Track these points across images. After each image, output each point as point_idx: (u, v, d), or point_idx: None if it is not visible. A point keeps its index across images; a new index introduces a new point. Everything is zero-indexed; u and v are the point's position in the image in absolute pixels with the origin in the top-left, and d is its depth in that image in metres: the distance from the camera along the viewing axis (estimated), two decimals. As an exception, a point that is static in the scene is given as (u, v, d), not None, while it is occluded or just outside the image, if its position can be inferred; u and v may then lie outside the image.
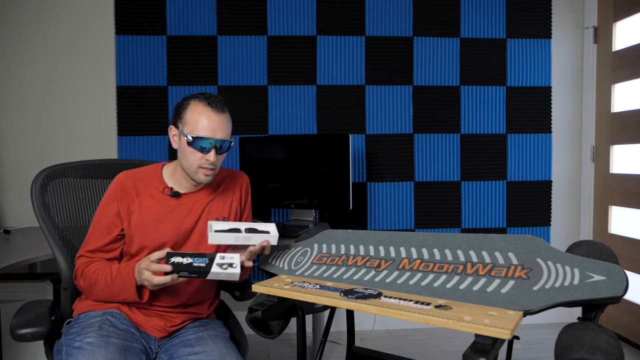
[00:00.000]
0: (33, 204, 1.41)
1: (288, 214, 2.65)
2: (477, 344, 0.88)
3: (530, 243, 1.13)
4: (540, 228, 2.80)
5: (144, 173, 1.40)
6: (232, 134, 1.37)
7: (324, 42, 2.66)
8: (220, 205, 1.43)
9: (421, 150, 2.72)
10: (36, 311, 1.21)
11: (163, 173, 1.41)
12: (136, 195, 1.35)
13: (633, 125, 2.48)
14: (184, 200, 1.39)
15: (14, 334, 1.14)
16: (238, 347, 1.38)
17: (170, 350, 1.29)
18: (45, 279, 1.95)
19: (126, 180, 1.36)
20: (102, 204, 1.35)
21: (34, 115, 2.55)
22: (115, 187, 1.35)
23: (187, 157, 1.31)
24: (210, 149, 1.29)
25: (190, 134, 1.28)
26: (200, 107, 1.30)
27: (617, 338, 0.92)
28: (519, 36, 2.73)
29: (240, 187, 1.50)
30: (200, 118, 1.29)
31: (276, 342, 2.53)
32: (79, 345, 1.17)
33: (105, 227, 1.33)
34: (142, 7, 2.57)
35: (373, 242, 1.34)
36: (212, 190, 1.44)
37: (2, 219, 2.52)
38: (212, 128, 1.29)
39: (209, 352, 1.25)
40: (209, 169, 1.32)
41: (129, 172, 1.39)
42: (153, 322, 1.32)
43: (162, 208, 1.35)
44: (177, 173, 1.39)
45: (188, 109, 1.31)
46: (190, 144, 1.28)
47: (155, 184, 1.38)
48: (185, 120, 1.30)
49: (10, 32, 2.52)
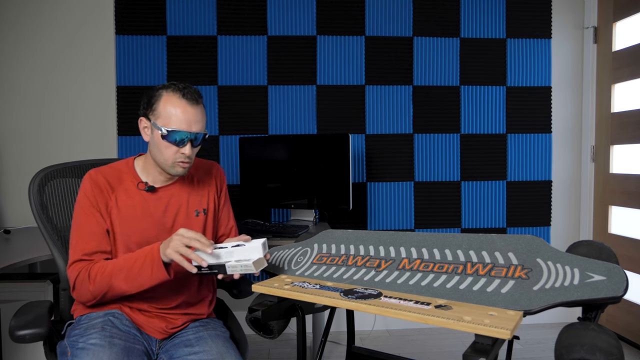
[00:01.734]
0: (31, 204, 1.40)
1: (288, 214, 2.65)
2: (477, 344, 0.88)
3: (530, 243, 1.12)
4: (540, 228, 2.80)
5: (114, 168, 1.35)
6: (231, 134, 1.37)
7: (324, 42, 2.66)
8: (198, 197, 1.40)
9: (421, 150, 2.72)
10: (35, 312, 1.20)
11: (135, 167, 1.36)
12: (111, 191, 1.30)
13: (633, 125, 2.48)
14: (160, 194, 1.35)
15: (13, 335, 1.13)
16: (237, 346, 1.37)
17: (170, 350, 1.29)
18: (45, 279, 1.95)
19: (97, 176, 1.31)
20: (80, 206, 1.28)
21: (34, 115, 2.55)
22: (88, 185, 1.29)
23: (162, 151, 1.26)
24: (186, 142, 1.25)
25: (165, 127, 1.23)
26: (174, 98, 1.24)
27: (617, 338, 0.92)
28: (519, 36, 2.73)
29: (215, 178, 1.47)
30: (175, 110, 1.23)
31: (276, 342, 2.53)
32: (83, 346, 1.16)
33: (94, 226, 1.27)
34: (142, 7, 2.57)
35: (373, 242, 1.34)
36: (188, 183, 1.40)
37: (2, 219, 2.52)
38: (188, 121, 1.24)
39: (208, 352, 1.24)
40: (185, 162, 1.28)
41: (98, 169, 1.33)
42: (154, 324, 1.31)
43: (139, 204, 1.31)
44: (150, 166, 1.34)
45: (161, 101, 1.25)
46: (165, 138, 1.24)
47: (129, 178, 1.34)
48: (159, 112, 1.25)
49: (10, 32, 2.52)
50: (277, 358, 2.38)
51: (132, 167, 1.36)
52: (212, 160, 1.50)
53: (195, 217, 1.39)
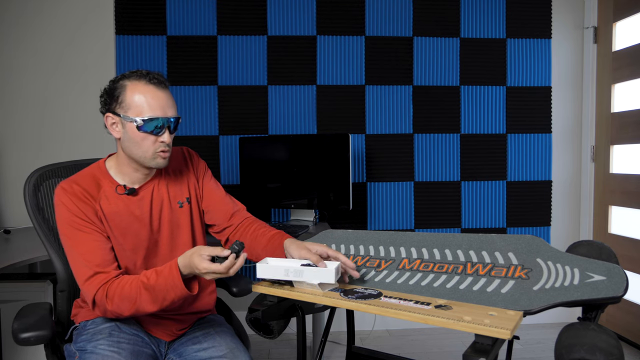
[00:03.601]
0: (26, 205, 1.36)
1: (288, 214, 2.65)
2: (477, 344, 0.88)
3: (530, 243, 1.13)
4: (540, 228, 2.79)
5: (87, 176, 1.25)
6: (231, 134, 1.35)
7: (324, 42, 2.66)
8: (178, 187, 1.33)
9: (421, 150, 2.72)
10: (37, 314, 1.19)
11: (109, 169, 1.27)
12: (93, 199, 1.21)
13: (633, 125, 2.48)
14: (141, 194, 1.27)
15: (17, 338, 1.12)
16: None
17: (178, 349, 1.29)
18: (45, 279, 1.94)
19: (72, 187, 1.20)
20: (66, 223, 1.18)
21: (34, 115, 2.55)
22: (67, 199, 1.18)
23: (139, 144, 1.18)
24: (164, 130, 1.18)
25: (139, 117, 1.15)
26: (140, 85, 1.16)
27: (617, 338, 0.92)
28: (519, 36, 2.73)
29: (188, 162, 1.39)
30: (145, 97, 1.16)
31: (276, 342, 2.53)
32: (92, 350, 1.16)
33: (93, 237, 1.19)
34: (142, 7, 2.57)
35: (373, 242, 1.34)
36: (165, 175, 1.32)
37: (2, 219, 2.52)
38: (162, 106, 1.17)
39: (217, 347, 1.24)
40: (165, 151, 1.20)
41: (69, 180, 1.23)
42: (164, 327, 1.30)
43: (123, 210, 1.24)
44: (124, 165, 1.25)
45: (127, 91, 1.16)
46: (140, 129, 1.16)
47: (106, 183, 1.25)
48: (127, 103, 1.16)
49: (10, 32, 2.52)
50: (277, 358, 2.38)
51: (105, 170, 1.27)
52: (212, 159, 1.48)
53: (180, 209, 1.32)
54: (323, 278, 1.10)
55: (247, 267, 2.62)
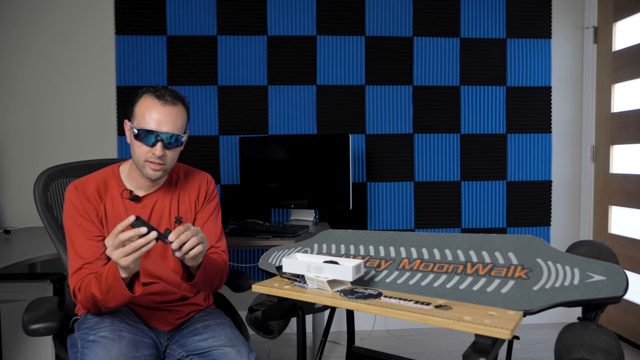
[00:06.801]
0: (36, 204, 1.44)
1: (288, 214, 2.65)
2: (477, 344, 0.88)
3: (530, 243, 1.13)
4: (540, 228, 2.80)
5: (99, 177, 1.36)
6: (231, 134, 1.36)
7: (324, 42, 2.66)
8: (182, 206, 1.41)
9: (421, 150, 2.72)
10: (46, 307, 1.24)
11: (121, 173, 1.38)
12: (99, 200, 1.32)
13: (633, 125, 2.48)
14: (144, 202, 1.37)
15: (27, 329, 1.18)
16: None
17: (180, 340, 1.33)
18: (46, 279, 1.95)
19: (83, 187, 1.31)
20: (69, 217, 1.29)
21: (34, 115, 2.55)
22: (75, 196, 1.30)
23: (135, 150, 1.29)
24: (155, 142, 1.25)
25: (137, 127, 1.26)
26: (148, 99, 1.27)
27: (617, 338, 0.92)
28: (519, 36, 2.73)
29: (200, 187, 1.46)
30: (147, 111, 1.25)
31: (276, 342, 2.53)
32: (94, 338, 1.19)
33: (87, 234, 1.28)
34: (142, 7, 2.57)
35: (373, 242, 1.34)
36: (172, 189, 1.41)
37: (2, 219, 2.52)
38: (158, 121, 1.25)
39: (217, 337, 1.29)
40: (157, 164, 1.27)
41: (82, 180, 1.34)
42: (160, 316, 1.36)
43: (124, 214, 1.32)
44: (133, 170, 1.36)
45: (138, 103, 1.28)
46: (136, 137, 1.26)
47: (114, 186, 1.35)
48: (135, 113, 1.28)
49: (10, 31, 2.52)
50: (277, 358, 2.38)
51: (118, 173, 1.38)
52: (212, 159, 1.49)
53: (174, 224, 1.40)
54: (340, 275, 1.12)
55: (247, 267, 2.62)
